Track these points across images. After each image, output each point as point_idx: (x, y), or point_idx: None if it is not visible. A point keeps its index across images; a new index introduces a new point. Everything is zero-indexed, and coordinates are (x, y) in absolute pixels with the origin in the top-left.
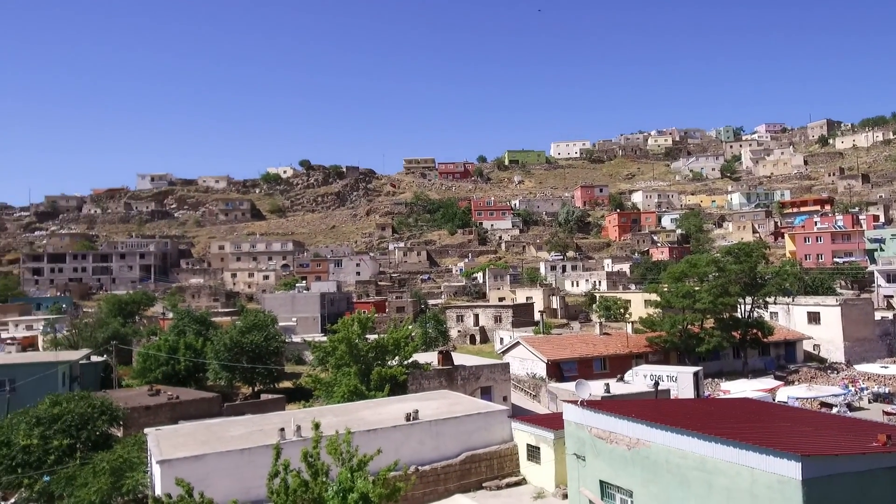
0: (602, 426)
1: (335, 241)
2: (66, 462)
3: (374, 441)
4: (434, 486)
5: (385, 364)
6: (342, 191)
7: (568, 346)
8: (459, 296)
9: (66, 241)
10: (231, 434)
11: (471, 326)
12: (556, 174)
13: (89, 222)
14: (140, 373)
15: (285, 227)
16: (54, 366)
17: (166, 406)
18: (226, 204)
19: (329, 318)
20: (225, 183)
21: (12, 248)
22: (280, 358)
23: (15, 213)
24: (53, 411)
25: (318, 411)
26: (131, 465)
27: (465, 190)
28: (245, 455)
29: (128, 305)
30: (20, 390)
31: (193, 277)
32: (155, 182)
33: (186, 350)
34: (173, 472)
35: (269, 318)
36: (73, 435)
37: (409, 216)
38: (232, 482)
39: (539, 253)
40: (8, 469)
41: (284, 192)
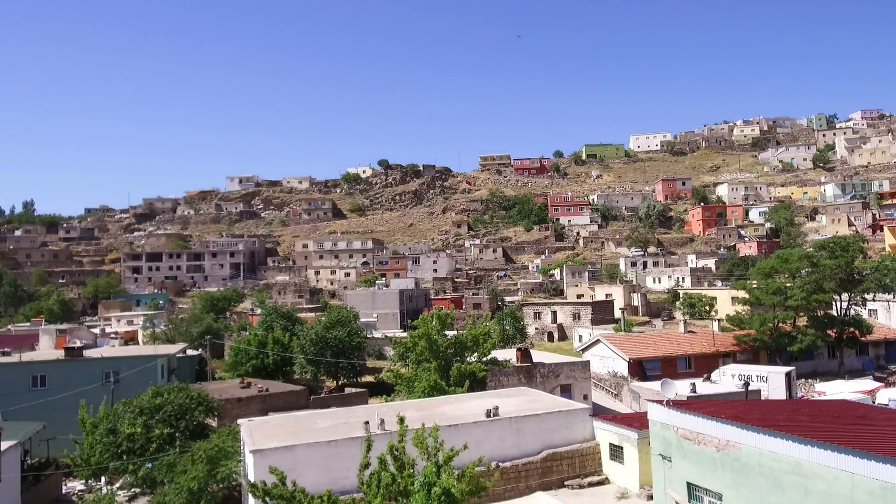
0: (689, 427)
1: (413, 239)
2: (166, 450)
3: (455, 436)
4: (515, 482)
5: (464, 360)
6: (419, 189)
7: (651, 344)
8: (536, 293)
9: (162, 240)
10: (318, 426)
11: (548, 324)
12: (636, 168)
13: (183, 223)
14: (231, 366)
15: (365, 225)
16: (154, 359)
17: (257, 398)
18: (309, 204)
19: (407, 315)
20: (308, 183)
21: (114, 248)
22: (362, 353)
23: (116, 215)
24: (155, 402)
25: (401, 405)
26: (226, 453)
27: (541, 186)
28: (332, 447)
29: (219, 302)
30: (123, 381)
31: (279, 275)
32: (243, 184)
33: (274, 344)
34: (266, 461)
35: (351, 314)
36: (173, 424)
37: (485, 213)
38: (320, 472)
39: (619, 249)
40: (114, 455)
41: (364, 191)
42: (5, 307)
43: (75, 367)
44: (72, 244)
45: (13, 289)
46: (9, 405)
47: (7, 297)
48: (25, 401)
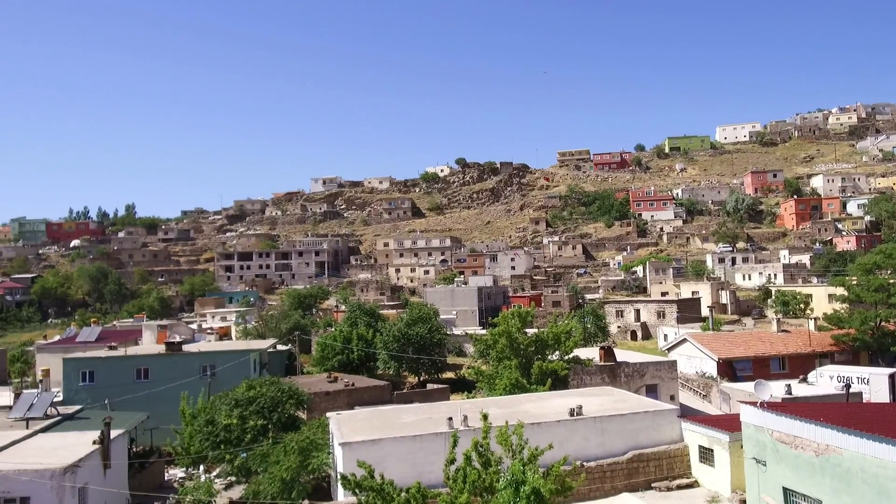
0: (785, 430)
1: (490, 237)
2: (260, 441)
3: (538, 434)
4: (600, 483)
5: (545, 358)
6: (496, 186)
7: (741, 343)
8: (618, 290)
9: (252, 241)
10: (403, 421)
11: (631, 322)
12: (723, 160)
13: (271, 223)
14: (319, 361)
15: (443, 223)
16: (247, 353)
17: (343, 392)
18: (389, 203)
19: (486, 312)
20: (388, 183)
21: (208, 248)
22: (442, 349)
23: (210, 217)
24: (249, 394)
25: (483, 402)
26: (316, 445)
27: (622, 180)
28: (417, 441)
29: (306, 299)
30: (219, 375)
31: (362, 272)
32: (326, 185)
33: (359, 340)
34: (354, 454)
35: (431, 311)
36: (266, 416)
37: (564, 209)
38: (406, 466)
39: (705, 244)
40: (212, 445)
41: (442, 189)
42: (111, 304)
43: (175, 361)
44: (170, 245)
45: (118, 287)
46: (116, 396)
47: (112, 294)
48: (131, 392)
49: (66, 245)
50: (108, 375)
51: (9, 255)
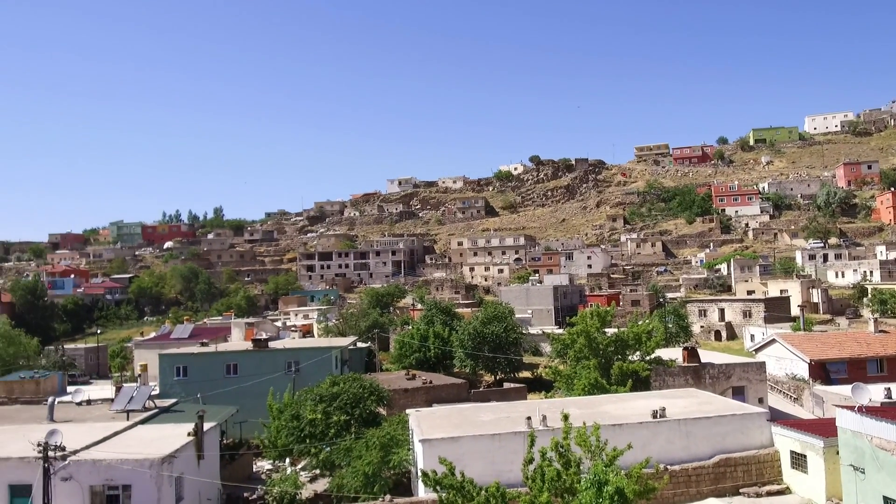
0: (886, 436)
1: (565, 235)
2: (343, 436)
3: (619, 436)
4: (685, 487)
5: (625, 359)
6: (571, 184)
7: (835, 344)
8: (700, 289)
9: (332, 241)
10: (481, 419)
11: (715, 322)
12: (812, 151)
13: (350, 224)
14: (397, 358)
15: (517, 222)
16: (329, 350)
17: (422, 389)
18: (462, 202)
19: (562, 311)
20: (461, 183)
21: (291, 249)
22: (518, 348)
23: (292, 219)
24: (333, 390)
25: (562, 403)
26: (397, 441)
27: (703, 175)
28: (496, 440)
29: (383, 297)
30: (303, 371)
31: (437, 271)
32: (402, 186)
33: (435, 338)
34: (434, 450)
35: (506, 309)
36: (349, 412)
37: (642, 206)
38: (484, 464)
39: (794, 241)
40: (298, 439)
41: (515, 188)
42: (201, 303)
43: (262, 357)
44: (255, 245)
45: (207, 286)
46: (207, 390)
47: (202, 293)
48: (221, 387)
49: (159, 247)
50: (200, 371)
51: (108, 256)
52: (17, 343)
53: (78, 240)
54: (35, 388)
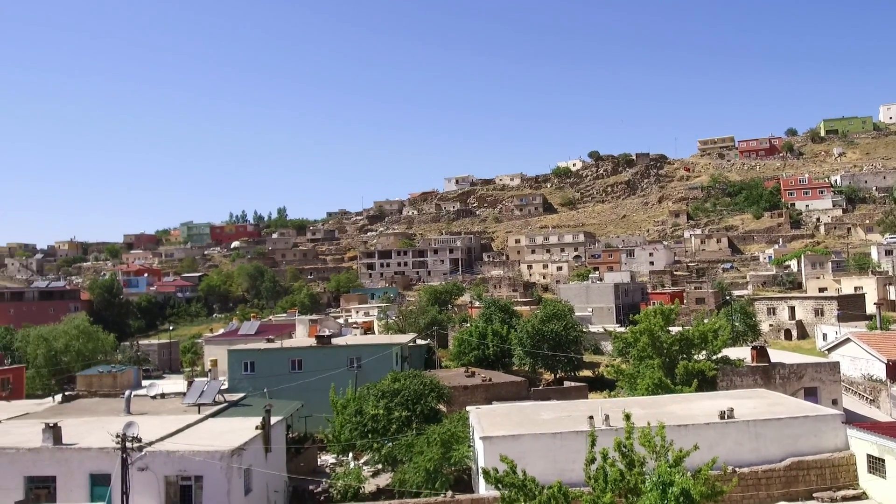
0: None
1: (626, 231)
2: (404, 431)
3: (685, 437)
4: (754, 490)
5: (691, 358)
6: (632, 179)
7: None
8: (769, 286)
9: (391, 239)
10: (542, 417)
11: (785, 320)
12: (888, 142)
13: (408, 223)
14: (456, 355)
15: (576, 218)
16: (390, 347)
17: (481, 387)
18: (520, 200)
19: (623, 309)
20: (518, 180)
21: (351, 247)
22: (579, 347)
23: (352, 218)
24: (394, 386)
25: (624, 402)
26: (457, 438)
27: (771, 168)
28: (557, 439)
29: (441, 295)
30: (365, 367)
31: (494, 269)
32: (459, 184)
33: (494, 336)
34: (495, 448)
35: (566, 307)
36: (410, 408)
37: (706, 201)
38: (546, 463)
39: (869, 235)
40: (361, 434)
41: (574, 184)
42: (266, 300)
43: (325, 354)
44: (317, 244)
45: (272, 284)
46: (273, 385)
47: (268, 291)
48: (286, 382)
49: (227, 246)
50: (266, 366)
51: (179, 256)
52: (95, 339)
53: (151, 240)
54: (112, 381)
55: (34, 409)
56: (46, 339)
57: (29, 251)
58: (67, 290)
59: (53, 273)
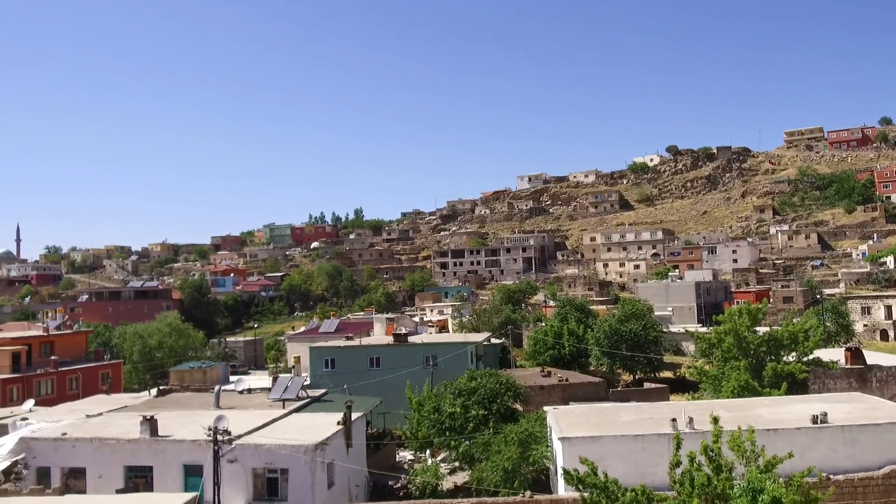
0: None
1: (707, 228)
2: (481, 430)
3: (775, 442)
4: (850, 499)
5: (779, 360)
6: (713, 173)
7: None
8: (863, 284)
9: (463, 239)
10: (622, 419)
11: (881, 320)
12: None
13: (480, 222)
14: (531, 355)
15: (654, 215)
16: (465, 346)
17: (558, 387)
18: (595, 197)
19: (705, 308)
20: (593, 177)
21: (425, 247)
22: (658, 347)
23: (426, 218)
24: (470, 385)
25: (709, 405)
26: (535, 438)
27: (864, 159)
28: (639, 441)
29: (515, 294)
30: (440, 365)
31: (568, 268)
32: (532, 182)
33: (569, 336)
34: (574, 449)
35: (645, 306)
36: (486, 407)
37: (794, 195)
38: (627, 466)
39: None
40: (438, 431)
41: (651, 180)
42: (345, 299)
43: (402, 352)
44: (392, 244)
45: (350, 283)
46: (352, 382)
47: (346, 290)
48: (365, 379)
49: (307, 247)
50: (346, 363)
51: (262, 256)
52: (186, 336)
53: (236, 241)
54: (202, 377)
55: (131, 402)
56: (141, 336)
57: (125, 253)
58: (160, 290)
59: (147, 274)
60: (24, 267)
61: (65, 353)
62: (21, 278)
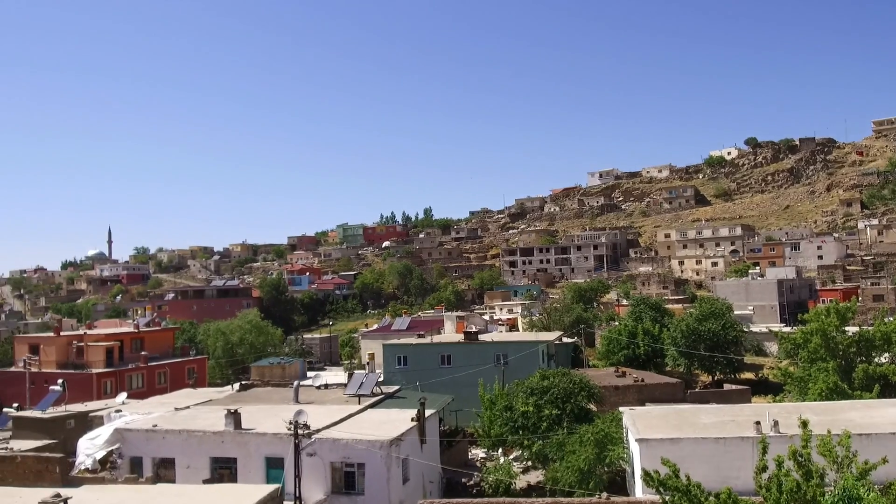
0: None
1: (789, 223)
2: (554, 430)
3: (868, 447)
4: None
5: (871, 361)
6: (795, 166)
7: None
8: None
9: (532, 237)
10: (702, 421)
11: None
12: None
13: (550, 219)
14: (604, 355)
15: (732, 211)
16: (536, 345)
17: (633, 388)
18: (669, 192)
19: (788, 307)
20: (667, 171)
21: (493, 245)
22: (739, 347)
23: (494, 216)
24: (543, 384)
25: (795, 407)
26: (612, 439)
27: None
28: (721, 444)
29: (586, 292)
30: (511, 364)
31: (642, 266)
32: (603, 178)
33: (644, 335)
34: (652, 451)
35: (724, 305)
36: (560, 407)
37: (883, 187)
38: (708, 469)
39: None
40: (511, 430)
41: (729, 174)
42: (415, 297)
43: (473, 350)
44: (461, 243)
45: (420, 282)
46: (424, 379)
47: (416, 288)
48: (436, 376)
49: (378, 246)
50: (418, 360)
51: (336, 256)
52: (265, 333)
53: (311, 241)
54: (281, 372)
55: (216, 396)
56: (224, 333)
57: (207, 253)
58: (241, 288)
59: (228, 273)
60: (115, 267)
61: (154, 349)
62: (112, 278)
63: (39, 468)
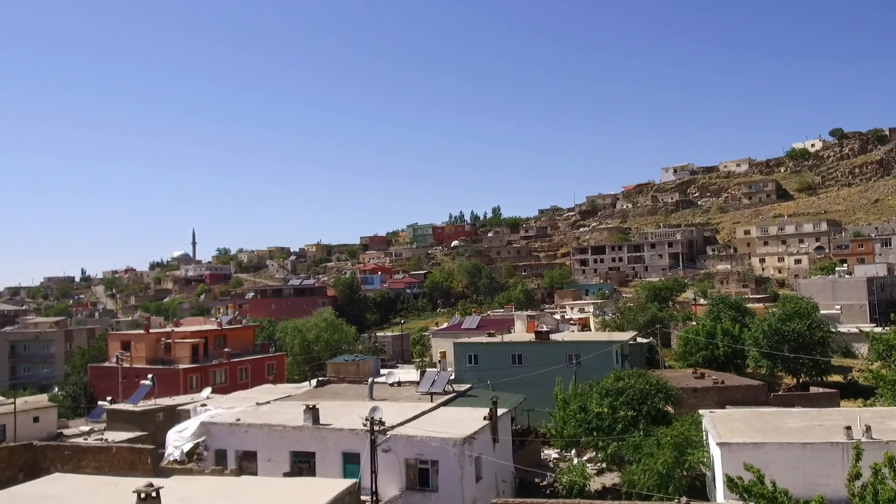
0: None
1: (880, 218)
2: (630, 431)
3: None
4: None
5: None
6: (885, 157)
7: None
8: None
9: (604, 234)
10: (788, 426)
11: None
12: None
13: (622, 216)
14: (681, 355)
15: (816, 205)
16: (609, 345)
17: (713, 389)
18: (748, 187)
19: (879, 306)
20: (746, 165)
21: (564, 243)
22: (825, 348)
23: (564, 214)
24: (618, 385)
25: (888, 412)
26: (691, 442)
27: None
28: (808, 449)
29: (661, 291)
30: (584, 364)
31: (720, 263)
32: (677, 174)
33: (724, 336)
34: (734, 455)
35: (809, 304)
36: (636, 408)
37: None
38: (794, 475)
39: None
40: (585, 431)
41: (813, 167)
42: (484, 296)
43: (544, 349)
44: (530, 241)
45: (489, 281)
46: (495, 378)
47: (485, 287)
48: (507, 375)
49: (447, 245)
50: (488, 359)
51: (406, 255)
52: (340, 331)
53: (382, 241)
54: (356, 369)
55: (294, 391)
56: (301, 331)
57: (284, 253)
58: (316, 287)
59: (304, 272)
60: (199, 267)
61: (235, 346)
62: (196, 278)
63: (133, 459)
